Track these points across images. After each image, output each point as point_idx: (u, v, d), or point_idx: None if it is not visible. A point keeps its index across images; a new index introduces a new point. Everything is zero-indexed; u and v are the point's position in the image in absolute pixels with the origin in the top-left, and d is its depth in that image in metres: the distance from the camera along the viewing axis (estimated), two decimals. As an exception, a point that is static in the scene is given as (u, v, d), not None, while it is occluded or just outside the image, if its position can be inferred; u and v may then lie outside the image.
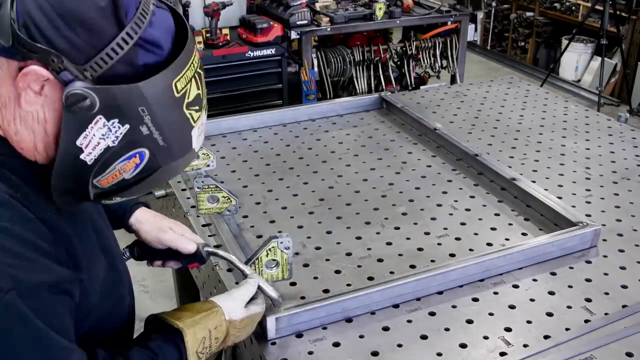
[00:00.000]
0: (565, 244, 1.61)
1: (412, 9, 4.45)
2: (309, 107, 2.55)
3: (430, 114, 2.46)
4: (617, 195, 1.91)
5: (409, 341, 1.34)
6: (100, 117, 0.89)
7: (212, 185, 1.65)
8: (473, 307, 1.44)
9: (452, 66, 4.61)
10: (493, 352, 1.30)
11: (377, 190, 1.95)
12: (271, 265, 1.40)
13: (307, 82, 4.10)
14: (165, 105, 0.93)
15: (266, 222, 1.77)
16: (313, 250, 1.65)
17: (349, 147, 2.24)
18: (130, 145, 0.93)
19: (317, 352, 1.31)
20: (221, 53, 3.93)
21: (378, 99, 2.57)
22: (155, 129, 0.93)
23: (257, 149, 2.23)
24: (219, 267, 1.55)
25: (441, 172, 2.05)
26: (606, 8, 5.50)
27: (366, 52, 4.39)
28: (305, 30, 4.05)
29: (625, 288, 1.50)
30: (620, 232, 1.72)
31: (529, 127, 2.37)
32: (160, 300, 3.52)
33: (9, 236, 0.88)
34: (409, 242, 1.68)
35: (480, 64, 7.54)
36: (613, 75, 6.44)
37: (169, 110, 0.94)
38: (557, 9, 6.98)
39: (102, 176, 0.95)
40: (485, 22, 7.92)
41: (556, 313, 1.42)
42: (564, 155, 2.16)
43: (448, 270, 1.49)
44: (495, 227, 1.75)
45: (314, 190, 1.95)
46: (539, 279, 1.53)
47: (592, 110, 2.61)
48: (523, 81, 2.89)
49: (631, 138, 2.27)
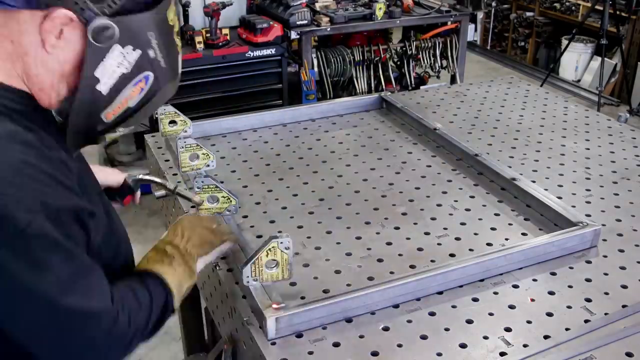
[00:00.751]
0: (565, 244, 1.61)
1: (412, 9, 4.46)
2: (309, 107, 2.55)
3: (430, 114, 2.46)
4: (617, 195, 1.91)
5: (409, 341, 1.34)
6: (116, 46, 1.06)
7: (212, 185, 1.65)
8: (473, 307, 1.44)
9: (452, 66, 4.61)
10: (493, 352, 1.30)
11: (377, 190, 1.95)
12: (271, 265, 1.40)
13: (307, 82, 4.10)
14: (165, 31, 1.12)
15: (266, 222, 1.77)
16: (313, 250, 1.65)
17: (349, 147, 2.24)
18: (140, 69, 1.11)
19: (317, 352, 1.31)
20: (221, 53, 3.94)
21: (378, 99, 2.57)
22: (160, 52, 1.11)
23: (257, 149, 2.23)
24: (218, 268, 1.56)
25: (441, 172, 2.05)
26: (606, 8, 5.50)
27: (366, 52, 4.39)
28: (305, 30, 4.05)
29: (625, 288, 1.50)
30: (620, 232, 1.72)
31: (529, 127, 2.37)
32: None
33: (36, 170, 1.01)
34: (409, 242, 1.68)
35: (480, 64, 7.55)
36: (613, 75, 6.44)
37: (167, 36, 1.13)
38: (557, 9, 6.98)
39: (110, 107, 1.11)
40: (485, 22, 7.93)
41: (556, 313, 1.42)
42: (564, 155, 2.16)
43: (448, 270, 1.49)
44: (495, 227, 1.75)
45: (314, 190, 1.95)
46: (539, 279, 1.53)
47: (592, 110, 2.61)
48: (523, 81, 2.89)
49: (631, 138, 2.27)
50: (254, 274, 1.39)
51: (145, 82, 1.13)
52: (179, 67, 1.20)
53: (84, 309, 1.05)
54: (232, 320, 1.49)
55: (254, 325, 1.36)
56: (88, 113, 1.11)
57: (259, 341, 1.33)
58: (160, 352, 3.21)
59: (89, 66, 1.06)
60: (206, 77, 3.95)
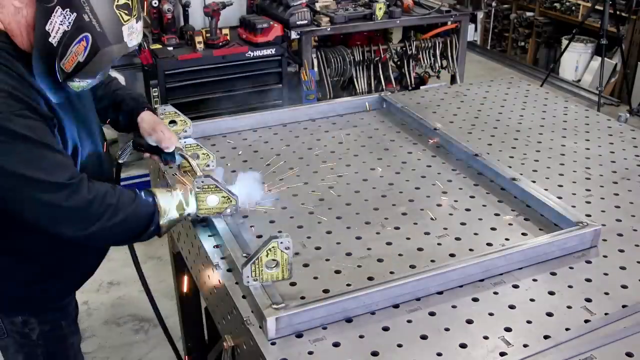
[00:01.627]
0: (565, 244, 1.61)
1: (412, 9, 4.45)
2: (309, 107, 2.54)
3: (430, 114, 2.46)
4: (617, 195, 1.91)
5: (409, 341, 1.34)
6: (58, 8, 1.40)
7: (212, 185, 1.65)
8: (473, 307, 1.44)
9: (452, 66, 4.61)
10: (493, 352, 1.30)
11: (377, 190, 1.95)
12: (271, 265, 1.40)
13: (307, 82, 4.09)
14: (101, 2, 1.41)
15: (266, 222, 1.77)
16: (313, 250, 1.65)
17: (349, 147, 2.24)
18: (79, 30, 1.41)
19: (317, 352, 1.31)
20: (221, 53, 3.94)
21: (378, 99, 2.57)
22: (93, 17, 1.41)
23: (257, 149, 2.23)
24: (218, 267, 1.56)
25: (441, 172, 2.05)
26: (606, 8, 5.50)
27: (366, 52, 4.39)
28: (305, 30, 4.05)
29: (625, 288, 1.50)
30: (620, 232, 1.72)
31: (529, 127, 2.37)
32: (160, 300, 3.51)
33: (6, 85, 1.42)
34: (409, 242, 1.68)
35: (480, 64, 7.55)
36: (613, 75, 6.44)
37: (102, 5, 1.42)
38: (557, 9, 6.98)
39: (65, 59, 1.44)
40: (485, 22, 7.93)
41: (556, 313, 1.42)
42: (564, 155, 2.16)
43: (448, 270, 1.49)
44: (495, 227, 1.75)
45: (314, 190, 1.95)
46: (539, 279, 1.53)
47: (592, 110, 2.61)
48: (523, 81, 2.89)
49: (631, 138, 2.27)
50: (254, 274, 1.39)
51: (86, 41, 1.42)
52: (123, 35, 1.46)
53: (44, 180, 1.43)
54: (232, 320, 1.49)
55: (254, 325, 1.36)
56: (46, 60, 1.45)
57: (259, 341, 1.33)
58: (160, 352, 3.21)
59: (40, 22, 1.42)
60: (206, 77, 3.95)
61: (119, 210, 1.51)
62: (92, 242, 1.67)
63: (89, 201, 1.48)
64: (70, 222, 1.50)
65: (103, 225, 1.50)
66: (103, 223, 1.49)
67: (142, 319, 3.44)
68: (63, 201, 1.45)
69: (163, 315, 2.22)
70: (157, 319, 2.22)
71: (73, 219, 1.49)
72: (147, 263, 3.80)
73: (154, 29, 4.04)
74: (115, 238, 1.62)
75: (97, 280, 3.71)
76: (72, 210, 1.47)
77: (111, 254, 1.99)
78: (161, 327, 2.29)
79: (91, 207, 1.48)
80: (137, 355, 3.23)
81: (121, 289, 3.67)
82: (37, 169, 1.42)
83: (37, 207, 1.47)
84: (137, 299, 3.55)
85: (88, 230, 1.49)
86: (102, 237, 1.56)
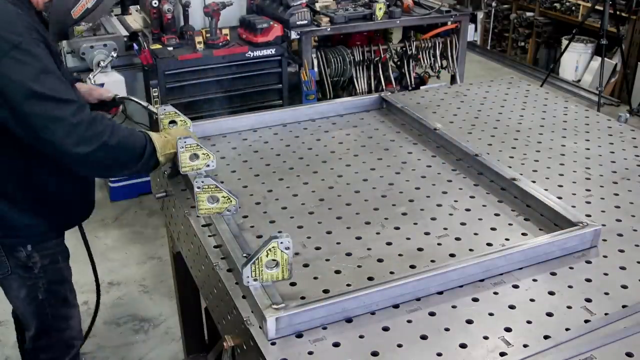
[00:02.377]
0: (565, 244, 1.61)
1: (412, 9, 4.46)
2: (309, 107, 2.54)
3: (430, 114, 2.46)
4: (617, 196, 1.91)
5: (409, 341, 1.34)
6: None
7: (212, 185, 1.65)
8: (473, 307, 1.44)
9: (452, 66, 4.61)
10: (493, 352, 1.30)
11: (377, 190, 1.95)
12: (271, 265, 1.40)
13: (307, 82, 4.10)
14: None
15: (266, 222, 1.77)
16: (313, 250, 1.65)
17: (349, 147, 2.24)
18: None
19: (317, 352, 1.31)
20: (221, 53, 3.94)
21: (378, 99, 2.57)
22: None
23: (257, 149, 2.23)
24: (218, 267, 1.56)
25: (441, 172, 2.05)
26: (606, 8, 5.50)
27: (366, 52, 4.39)
28: (305, 30, 4.05)
29: (625, 288, 1.50)
30: (620, 232, 1.72)
31: (529, 127, 2.37)
32: (160, 300, 3.53)
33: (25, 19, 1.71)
34: (409, 242, 1.68)
35: (480, 64, 7.55)
36: (613, 75, 6.45)
37: None
38: (557, 9, 6.99)
39: (75, 7, 1.84)
40: (485, 22, 7.93)
41: (556, 313, 1.42)
42: (564, 155, 2.16)
43: (448, 270, 1.49)
44: (495, 227, 1.75)
45: (314, 190, 1.95)
46: (539, 279, 1.53)
47: (592, 110, 2.61)
48: (523, 81, 2.89)
49: (631, 138, 2.27)
50: (254, 274, 1.39)
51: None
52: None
53: (55, 96, 1.65)
54: (232, 320, 1.49)
55: (254, 325, 1.36)
56: (62, 11, 1.88)
57: (259, 341, 1.33)
58: (160, 352, 3.22)
59: None
60: (206, 77, 3.95)
61: (117, 130, 1.74)
62: (94, 165, 1.78)
63: (92, 117, 1.70)
64: (76, 136, 1.67)
65: (104, 141, 1.70)
66: (104, 139, 1.70)
67: (142, 319, 3.44)
68: (70, 116, 1.66)
69: (163, 315, 2.22)
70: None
71: (78, 133, 1.67)
72: (147, 263, 3.80)
73: (154, 29, 4.04)
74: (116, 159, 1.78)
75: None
76: (77, 126, 1.66)
77: (111, 254, 1.99)
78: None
79: (94, 123, 1.70)
80: (137, 355, 3.24)
81: (121, 289, 3.67)
82: (51, 87, 1.65)
83: (45, 122, 1.65)
84: (137, 299, 3.55)
85: (91, 146, 1.68)
86: (104, 156, 1.73)
